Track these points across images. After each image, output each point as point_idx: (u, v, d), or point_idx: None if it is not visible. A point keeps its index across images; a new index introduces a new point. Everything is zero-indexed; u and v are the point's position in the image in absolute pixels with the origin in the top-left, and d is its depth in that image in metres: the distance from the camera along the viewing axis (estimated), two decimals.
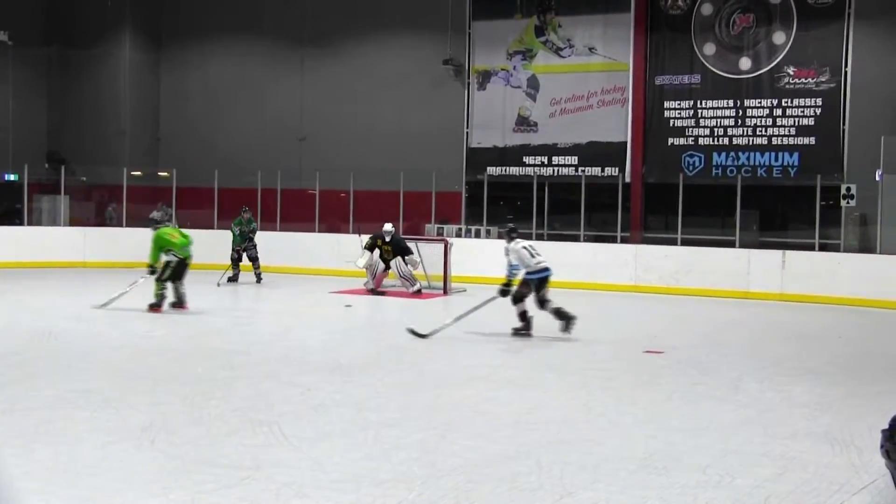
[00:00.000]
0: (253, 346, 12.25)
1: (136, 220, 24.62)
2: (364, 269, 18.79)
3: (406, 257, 18.62)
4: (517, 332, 13.41)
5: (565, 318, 13.36)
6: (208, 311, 15.80)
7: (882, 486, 3.10)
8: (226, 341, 12.72)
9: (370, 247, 18.73)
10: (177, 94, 28.28)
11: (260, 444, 7.20)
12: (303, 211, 22.78)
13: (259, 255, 20.54)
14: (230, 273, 20.24)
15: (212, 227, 23.65)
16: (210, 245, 22.93)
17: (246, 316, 15.78)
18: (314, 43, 26.41)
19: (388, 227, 18.87)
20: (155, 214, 25.29)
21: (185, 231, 15.91)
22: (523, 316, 13.46)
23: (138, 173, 26.34)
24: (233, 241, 20.61)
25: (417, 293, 18.42)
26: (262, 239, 20.97)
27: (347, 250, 20.85)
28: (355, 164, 24.03)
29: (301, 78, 26.60)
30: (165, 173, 25.91)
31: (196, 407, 8.39)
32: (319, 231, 23.14)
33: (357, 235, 20.21)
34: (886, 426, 2.17)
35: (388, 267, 18.72)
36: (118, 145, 27.30)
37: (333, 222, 23.40)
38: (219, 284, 19.41)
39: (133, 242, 23.23)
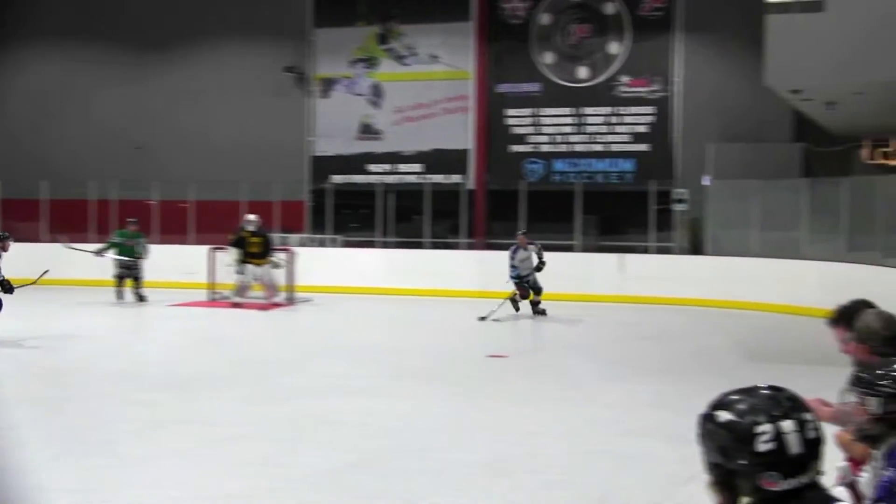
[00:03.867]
0: (88, 363, 11.86)
1: None
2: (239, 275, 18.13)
3: (272, 256, 18.23)
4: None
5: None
6: (39, 328, 15.18)
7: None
8: (59, 360, 12.14)
9: (236, 242, 18.11)
10: None
11: (95, 465, 6.99)
12: (141, 222, 22.16)
13: (142, 275, 18.86)
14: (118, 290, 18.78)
15: (39, 241, 22.71)
16: (39, 260, 22.04)
17: (80, 333, 15.15)
18: (151, 48, 25.79)
19: (252, 217, 18.30)
20: None
21: None
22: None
23: None
24: (114, 256, 18.81)
25: (275, 305, 18.09)
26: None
27: (188, 262, 20.45)
28: (196, 173, 23.60)
29: (137, 84, 25.91)
30: None
31: (24, 430, 8.07)
32: (160, 242, 22.53)
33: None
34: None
35: (258, 263, 18.01)
36: None
37: (174, 233, 22.86)
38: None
39: None
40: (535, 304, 16.96)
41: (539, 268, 16.79)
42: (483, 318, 15.94)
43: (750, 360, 12.69)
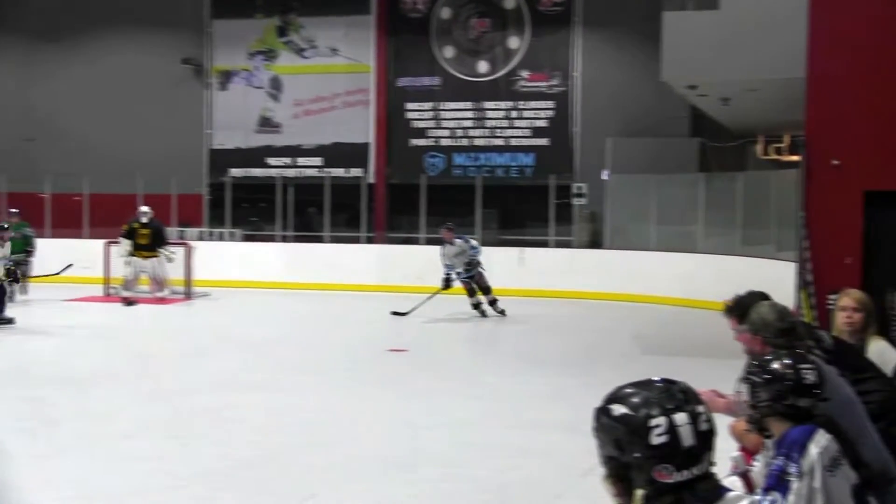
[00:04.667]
0: None
1: None
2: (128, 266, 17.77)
3: (163, 248, 17.89)
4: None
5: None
6: None
7: None
8: None
9: (127, 234, 17.77)
10: None
11: None
12: (34, 216, 21.52)
13: (30, 271, 17.85)
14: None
15: None
16: None
17: None
18: (43, 38, 25.07)
19: (144, 208, 18.08)
20: None
21: None
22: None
23: None
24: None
25: (162, 300, 17.78)
26: None
27: (83, 257, 19.94)
28: (91, 165, 23.01)
29: (29, 74, 25.20)
30: None
31: None
32: (53, 237, 21.93)
33: None
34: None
35: (145, 256, 17.71)
36: None
37: (68, 227, 22.22)
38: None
39: None
40: (491, 304, 15.88)
41: (469, 267, 15.75)
42: (402, 314, 15.57)
43: (647, 353, 12.89)
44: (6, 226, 14.50)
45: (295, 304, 18.17)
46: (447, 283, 15.89)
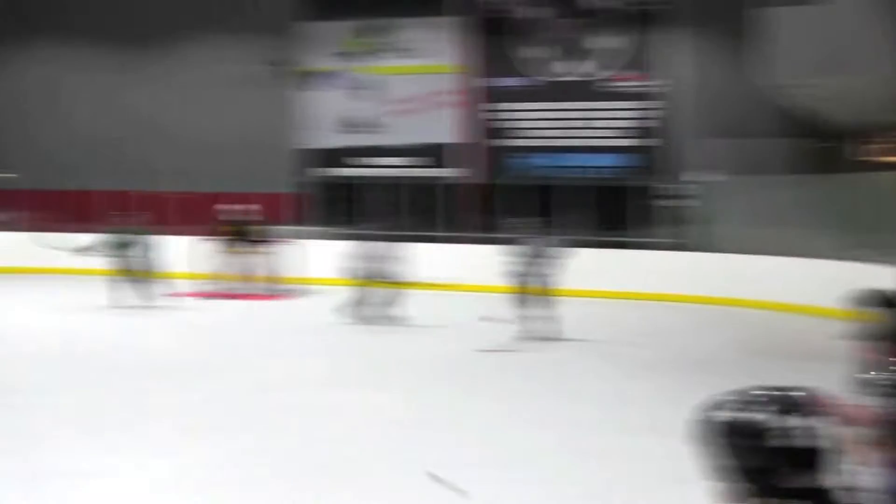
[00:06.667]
0: (89, 351, 11.73)
1: None
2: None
3: (265, 246, 18.60)
4: None
5: None
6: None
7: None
8: (53, 344, 12.16)
9: (232, 231, 18.87)
10: None
11: (87, 450, 6.95)
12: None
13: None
14: None
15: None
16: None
17: (82, 325, 15.00)
18: (134, 43, 25.52)
19: (248, 207, 19.20)
20: None
21: None
22: None
23: None
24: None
25: (269, 295, 18.18)
26: None
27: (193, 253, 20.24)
28: (182, 166, 23.31)
29: (123, 79, 25.62)
30: None
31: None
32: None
33: None
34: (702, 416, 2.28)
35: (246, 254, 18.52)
36: None
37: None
38: None
39: None
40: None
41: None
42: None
43: (753, 356, 12.54)
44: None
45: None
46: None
